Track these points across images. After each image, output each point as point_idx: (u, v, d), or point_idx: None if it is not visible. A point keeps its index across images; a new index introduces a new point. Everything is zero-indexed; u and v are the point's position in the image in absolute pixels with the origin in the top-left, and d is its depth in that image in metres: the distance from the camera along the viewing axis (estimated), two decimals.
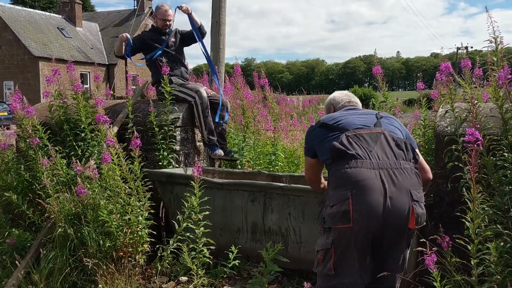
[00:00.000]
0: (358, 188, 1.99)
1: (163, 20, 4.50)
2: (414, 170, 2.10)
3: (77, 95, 3.85)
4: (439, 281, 2.05)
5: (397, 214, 1.97)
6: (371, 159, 2.05)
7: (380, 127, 2.23)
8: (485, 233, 2.10)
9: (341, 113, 2.45)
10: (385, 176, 2.01)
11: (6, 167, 3.83)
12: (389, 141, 2.15)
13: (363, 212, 1.96)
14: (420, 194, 2.05)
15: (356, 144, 2.12)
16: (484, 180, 2.41)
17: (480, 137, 1.99)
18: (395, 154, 2.10)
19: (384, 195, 1.96)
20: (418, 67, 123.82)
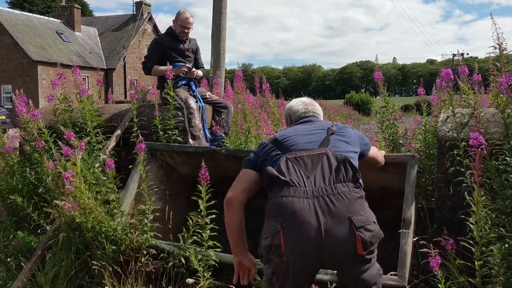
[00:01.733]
0: (288, 221, 1.86)
1: (182, 27, 4.43)
2: (353, 192, 1.95)
3: (82, 99, 3.88)
4: (443, 282, 2.09)
5: (337, 246, 1.84)
6: (306, 187, 1.92)
7: (325, 147, 2.09)
8: (488, 236, 2.15)
9: (293, 128, 2.33)
10: (320, 205, 1.87)
11: (11, 170, 3.85)
12: (331, 163, 2.01)
13: (294, 249, 1.84)
14: (364, 217, 1.91)
15: (293, 168, 1.99)
16: (486, 184, 2.46)
17: (484, 141, 2.04)
18: (333, 177, 1.96)
19: (317, 229, 1.83)
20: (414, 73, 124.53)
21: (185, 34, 4.48)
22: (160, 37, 4.62)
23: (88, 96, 3.94)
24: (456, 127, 3.00)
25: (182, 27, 4.43)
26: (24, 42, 27.08)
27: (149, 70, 4.43)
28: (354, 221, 1.86)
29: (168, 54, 4.44)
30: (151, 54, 4.49)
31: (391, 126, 4.07)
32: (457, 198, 2.90)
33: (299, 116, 2.45)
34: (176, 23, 4.46)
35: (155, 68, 4.42)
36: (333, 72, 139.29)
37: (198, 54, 4.73)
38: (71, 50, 29.72)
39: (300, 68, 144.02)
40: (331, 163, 2.01)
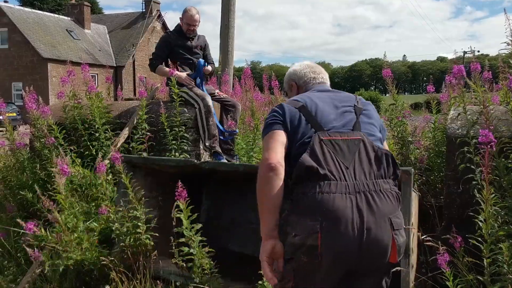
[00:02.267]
0: (329, 220, 1.65)
1: (188, 25, 4.43)
2: (394, 191, 1.78)
3: (91, 96, 3.92)
4: (451, 280, 2.08)
5: (376, 248, 1.66)
6: (347, 180, 1.70)
7: (360, 131, 1.85)
8: (497, 233, 2.13)
9: (312, 94, 2.02)
10: (362, 202, 1.67)
11: (21, 166, 3.90)
12: (368, 153, 1.79)
13: (334, 249, 1.64)
14: (400, 220, 1.75)
15: (330, 156, 1.75)
16: (496, 182, 2.43)
17: (494, 139, 2.02)
18: (374, 171, 1.76)
19: (360, 228, 1.64)
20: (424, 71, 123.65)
21: (191, 31, 4.47)
22: (168, 35, 4.63)
23: (97, 93, 3.97)
24: (466, 124, 2.97)
25: (188, 25, 4.43)
26: (34, 40, 27.35)
27: (154, 68, 4.47)
28: (393, 222, 1.69)
29: (176, 51, 4.44)
30: (158, 51, 4.50)
31: (400, 123, 4.05)
32: (466, 196, 2.88)
33: (308, 81, 2.15)
34: (182, 21, 4.46)
35: (160, 67, 4.45)
36: (342, 70, 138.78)
37: (207, 51, 4.72)
38: (80, 47, 29.95)
39: None
40: (369, 153, 1.79)
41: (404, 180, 2.53)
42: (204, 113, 4.20)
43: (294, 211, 1.75)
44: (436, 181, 3.78)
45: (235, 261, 3.39)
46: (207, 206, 4.00)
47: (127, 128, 4.08)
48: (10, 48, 27.84)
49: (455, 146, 2.94)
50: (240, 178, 3.45)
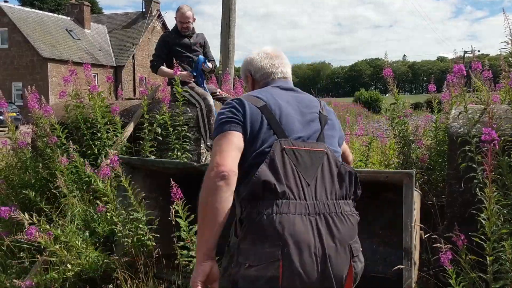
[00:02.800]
0: (290, 246, 1.44)
1: (181, 23, 4.48)
2: (353, 213, 1.62)
3: (93, 95, 3.93)
4: (454, 278, 2.09)
5: (335, 276, 1.50)
6: (307, 200, 1.51)
7: (324, 142, 1.65)
8: (500, 231, 2.14)
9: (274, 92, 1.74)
10: (323, 226, 1.50)
11: (23, 165, 3.91)
12: (332, 169, 1.61)
13: (294, 281, 1.45)
14: (358, 245, 1.61)
15: (291, 169, 1.54)
16: (498, 180, 2.44)
17: (497, 137, 2.03)
18: (336, 190, 1.59)
19: (322, 255, 1.48)
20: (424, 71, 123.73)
21: (186, 29, 4.51)
22: (166, 34, 4.71)
23: (99, 92, 3.98)
24: (468, 123, 2.98)
25: (181, 23, 4.49)
26: (34, 40, 27.37)
27: (156, 70, 4.50)
28: (353, 248, 1.55)
29: (175, 50, 4.48)
30: (158, 52, 4.55)
31: (401, 122, 4.05)
32: (468, 195, 2.89)
33: (266, 76, 1.87)
34: (177, 19, 4.53)
35: (161, 69, 4.47)
36: (343, 70, 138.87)
37: (206, 48, 4.75)
38: (80, 47, 29.97)
39: (309, 65, 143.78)
40: (332, 169, 1.61)
41: (406, 182, 2.53)
42: (205, 112, 4.21)
43: (246, 236, 1.50)
44: (438, 180, 3.79)
45: None
46: None
47: (129, 127, 4.08)
48: (10, 48, 27.87)
49: (456, 145, 2.95)
50: None
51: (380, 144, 5.57)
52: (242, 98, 1.68)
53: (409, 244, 2.41)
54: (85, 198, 3.40)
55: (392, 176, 2.68)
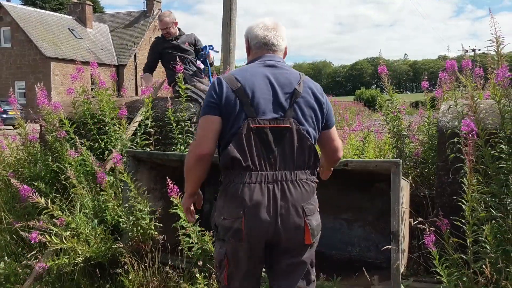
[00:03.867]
0: (250, 208, 1.88)
1: (161, 30, 4.70)
2: (309, 180, 1.97)
3: (101, 92, 4.09)
4: (437, 259, 2.26)
5: (289, 232, 1.91)
6: (267, 171, 1.89)
7: (290, 118, 1.93)
8: (479, 215, 2.31)
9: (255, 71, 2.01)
10: (278, 191, 1.89)
11: (34, 159, 4.08)
12: (293, 143, 1.92)
13: (253, 233, 1.89)
14: (312, 206, 1.96)
15: (255, 146, 1.90)
16: (481, 170, 2.61)
17: (475, 128, 2.19)
18: (294, 161, 1.92)
19: (274, 214, 1.88)
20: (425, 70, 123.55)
21: (168, 35, 4.69)
22: (154, 41, 4.90)
23: (106, 88, 4.15)
24: (457, 116, 3.14)
25: (161, 30, 4.70)
26: (37, 39, 27.54)
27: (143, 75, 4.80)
28: (306, 209, 1.91)
29: (166, 53, 4.69)
30: (148, 58, 4.82)
31: (395, 118, 4.20)
32: (456, 185, 3.05)
33: (258, 47, 2.11)
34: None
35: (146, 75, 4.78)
36: (344, 69, 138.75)
37: (198, 45, 4.89)
38: (83, 46, 30.13)
39: (310, 64, 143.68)
40: (293, 143, 1.92)
41: (393, 171, 2.73)
42: None
43: (221, 196, 1.98)
44: (430, 173, 3.93)
45: None
46: (209, 196, 4.18)
47: (135, 122, 4.25)
48: (13, 47, 28.04)
49: (445, 138, 3.12)
50: None
51: (375, 140, 5.73)
52: (222, 79, 1.98)
53: (397, 228, 2.58)
54: (93, 189, 3.57)
55: (380, 165, 2.87)
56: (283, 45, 2.15)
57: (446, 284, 2.29)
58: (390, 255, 2.65)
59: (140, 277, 2.98)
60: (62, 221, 3.04)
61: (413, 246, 3.24)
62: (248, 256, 1.95)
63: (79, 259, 3.07)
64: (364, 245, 3.33)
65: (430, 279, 2.98)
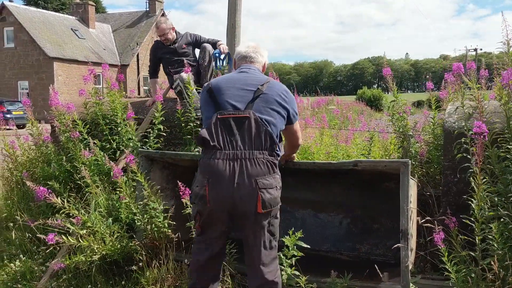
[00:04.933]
0: (213, 178, 2.35)
1: (159, 36, 4.78)
2: (266, 160, 2.37)
3: (113, 93, 4.17)
4: (446, 255, 2.33)
5: (244, 199, 2.32)
6: (229, 150, 2.35)
7: (250, 110, 2.41)
8: (488, 214, 2.38)
9: (231, 77, 2.62)
10: (237, 166, 2.32)
11: (47, 159, 4.16)
12: (251, 128, 2.38)
13: (215, 197, 2.36)
14: (268, 181, 2.35)
15: (221, 131, 2.39)
16: (489, 170, 2.68)
17: (486, 130, 2.26)
18: (253, 143, 2.36)
19: (232, 185, 2.31)
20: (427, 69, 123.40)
21: (166, 41, 4.78)
22: (155, 44, 4.97)
23: (118, 90, 4.22)
24: (463, 117, 3.21)
25: (159, 37, 4.79)
26: (40, 39, 27.63)
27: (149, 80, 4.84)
28: (259, 183, 2.31)
29: (164, 57, 4.80)
30: (151, 62, 4.92)
31: (401, 118, 4.27)
32: (462, 184, 3.12)
33: (239, 60, 2.75)
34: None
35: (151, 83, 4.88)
36: (345, 68, 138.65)
37: (198, 41, 4.97)
38: (85, 46, 30.23)
39: (312, 64, 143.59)
40: (251, 129, 2.37)
41: (402, 171, 2.78)
42: None
43: (198, 169, 2.48)
44: (435, 172, 4.00)
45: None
46: None
47: (145, 122, 4.33)
48: (16, 47, 28.14)
49: (452, 138, 3.19)
50: None
51: (381, 140, 5.79)
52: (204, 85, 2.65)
53: (406, 226, 2.64)
54: (106, 188, 3.65)
55: (390, 165, 2.93)
56: (261, 59, 2.76)
57: (454, 281, 2.36)
58: (399, 253, 2.72)
59: (155, 274, 3.06)
60: (79, 220, 3.12)
61: (420, 244, 3.31)
62: (213, 217, 2.43)
63: (96, 256, 3.14)
64: (372, 243, 3.40)
65: (437, 276, 3.05)
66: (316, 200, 3.70)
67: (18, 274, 3.56)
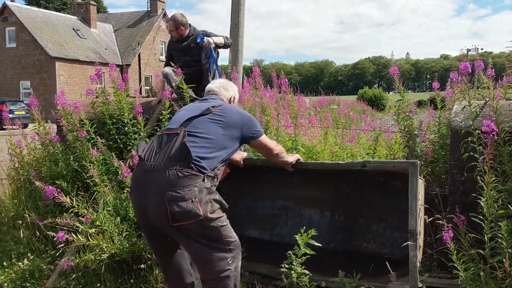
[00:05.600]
0: (132, 188, 2.49)
1: (170, 32, 4.77)
2: (179, 171, 2.31)
3: (119, 93, 4.19)
4: (455, 254, 2.34)
5: (154, 211, 2.33)
6: (151, 161, 2.38)
7: (184, 127, 2.49)
8: (497, 212, 2.39)
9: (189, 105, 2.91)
10: (150, 177, 2.34)
11: (54, 158, 4.18)
12: (175, 144, 2.39)
13: (135, 207, 2.51)
14: (179, 194, 2.28)
15: (153, 144, 2.48)
16: (499, 168, 2.69)
17: (496, 128, 2.28)
18: (170, 156, 2.35)
19: (145, 195, 2.35)
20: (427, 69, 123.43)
21: (176, 37, 4.76)
22: (169, 39, 4.99)
23: (125, 89, 4.24)
24: (470, 116, 3.22)
25: (170, 32, 4.78)
26: (42, 39, 27.67)
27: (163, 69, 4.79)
28: (167, 195, 2.27)
29: (174, 54, 4.81)
30: (166, 56, 5.00)
31: (406, 118, 4.29)
32: (469, 183, 3.13)
33: (207, 91, 2.95)
34: None
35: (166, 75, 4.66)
36: (346, 68, 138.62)
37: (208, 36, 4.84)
38: (87, 46, 30.26)
39: (312, 63, 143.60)
40: (175, 144, 2.39)
41: (411, 171, 2.78)
42: None
43: None
44: (441, 172, 4.02)
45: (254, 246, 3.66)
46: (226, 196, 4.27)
47: (152, 121, 4.35)
48: (18, 47, 28.18)
49: (459, 138, 3.20)
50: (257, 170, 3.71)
51: (385, 139, 5.81)
52: None
53: (414, 227, 2.65)
54: (114, 187, 3.67)
55: (398, 166, 2.92)
56: (224, 93, 2.92)
57: (463, 278, 2.38)
58: (406, 250, 2.74)
59: None
60: (88, 219, 3.14)
61: (426, 242, 3.32)
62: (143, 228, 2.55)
63: (105, 255, 3.16)
64: (379, 241, 3.41)
65: (444, 275, 3.07)
66: (323, 199, 3.71)
67: (26, 273, 3.58)
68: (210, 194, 2.40)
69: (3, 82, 28.43)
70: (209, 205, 2.37)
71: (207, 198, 2.37)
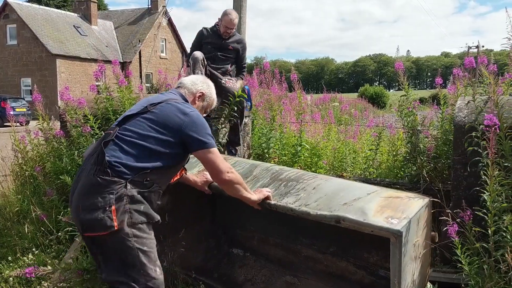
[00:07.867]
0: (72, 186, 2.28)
1: (226, 27, 4.63)
2: (94, 176, 2.09)
3: (122, 89, 4.21)
4: (460, 247, 2.36)
5: (73, 218, 2.19)
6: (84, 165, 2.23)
7: (118, 127, 2.26)
8: (501, 205, 2.41)
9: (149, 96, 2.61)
10: (77, 181, 2.19)
11: (58, 154, 4.19)
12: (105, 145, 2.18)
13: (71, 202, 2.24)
14: (90, 201, 2.06)
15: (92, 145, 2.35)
16: (501, 163, 2.70)
17: (498, 122, 2.29)
18: (96, 160, 2.13)
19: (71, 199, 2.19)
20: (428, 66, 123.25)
21: (227, 34, 4.69)
22: (202, 31, 4.81)
23: (127, 86, 4.26)
24: (474, 111, 3.23)
25: (225, 27, 4.65)
26: (43, 36, 27.66)
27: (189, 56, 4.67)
28: (81, 201, 2.10)
29: (205, 47, 4.68)
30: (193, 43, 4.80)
31: (410, 113, 4.30)
32: (472, 178, 3.14)
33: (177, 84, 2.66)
34: (221, 23, 4.67)
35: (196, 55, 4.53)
36: (346, 65, 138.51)
37: (241, 54, 4.87)
38: (88, 43, 30.25)
39: (313, 61, 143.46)
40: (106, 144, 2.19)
41: (393, 242, 2.18)
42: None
43: None
44: (444, 167, 4.03)
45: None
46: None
47: None
48: (19, 44, 28.18)
49: (462, 133, 3.21)
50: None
51: (388, 135, 5.82)
52: None
53: None
54: None
55: (377, 232, 2.24)
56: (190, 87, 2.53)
57: (467, 272, 2.39)
58: None
59: None
60: None
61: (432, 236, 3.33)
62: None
63: None
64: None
65: (448, 269, 3.08)
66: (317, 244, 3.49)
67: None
68: (133, 203, 2.08)
69: (4, 79, 28.45)
70: (127, 216, 2.06)
71: (127, 208, 2.06)
